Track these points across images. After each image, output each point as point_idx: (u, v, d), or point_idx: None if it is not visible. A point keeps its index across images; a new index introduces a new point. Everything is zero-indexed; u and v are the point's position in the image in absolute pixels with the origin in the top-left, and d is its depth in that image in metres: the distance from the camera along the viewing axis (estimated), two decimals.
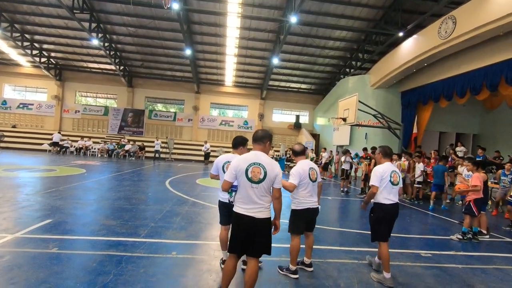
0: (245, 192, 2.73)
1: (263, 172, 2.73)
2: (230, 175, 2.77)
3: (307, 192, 3.62)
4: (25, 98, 24.30)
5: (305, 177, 3.58)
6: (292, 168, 3.78)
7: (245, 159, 2.80)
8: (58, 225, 4.86)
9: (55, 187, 8.15)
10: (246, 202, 2.73)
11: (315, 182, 3.72)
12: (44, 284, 2.96)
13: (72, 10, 15.25)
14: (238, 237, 2.74)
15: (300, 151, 3.87)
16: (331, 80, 23.45)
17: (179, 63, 21.90)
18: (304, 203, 3.62)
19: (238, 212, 2.75)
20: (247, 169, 2.72)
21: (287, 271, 3.62)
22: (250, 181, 2.71)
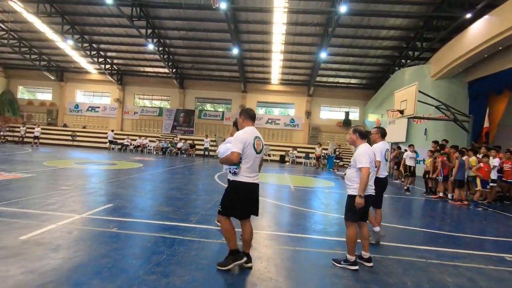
0: (252, 162, 3.02)
1: (262, 144, 3.15)
2: (240, 147, 2.94)
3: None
4: (93, 102, 27.11)
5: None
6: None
7: (250, 133, 3.05)
8: (118, 209, 5.17)
9: (116, 177, 8.83)
10: (252, 171, 3.04)
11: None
12: (104, 258, 3.11)
13: (131, 18, 16.55)
14: (246, 203, 3.04)
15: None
16: (384, 73, 21.90)
17: (226, 63, 22.43)
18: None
19: (246, 181, 2.99)
20: (254, 142, 3.02)
21: (345, 263, 3.32)
22: (256, 152, 3.04)
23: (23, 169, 8.87)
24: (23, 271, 2.69)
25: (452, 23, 14.43)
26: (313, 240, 4.28)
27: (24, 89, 27.64)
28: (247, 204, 3.07)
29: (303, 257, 3.63)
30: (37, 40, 21.82)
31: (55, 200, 5.40)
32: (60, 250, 3.22)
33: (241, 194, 3.02)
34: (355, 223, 3.38)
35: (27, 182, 7.05)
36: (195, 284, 2.70)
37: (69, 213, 4.62)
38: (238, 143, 2.95)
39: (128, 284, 2.59)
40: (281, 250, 3.82)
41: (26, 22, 19.43)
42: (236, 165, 2.99)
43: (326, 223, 5.43)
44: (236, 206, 3.03)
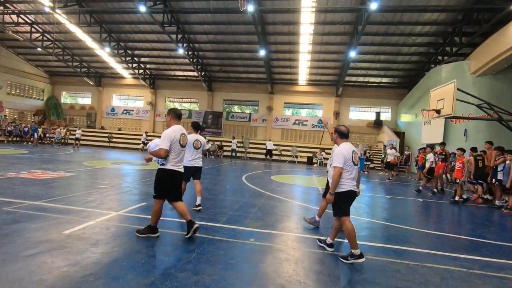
0: (178, 154, 3.76)
1: (187, 139, 3.93)
2: (167, 145, 3.60)
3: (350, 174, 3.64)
4: (127, 105, 28.57)
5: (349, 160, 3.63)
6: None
7: (177, 131, 3.75)
8: (151, 208, 5.34)
9: (149, 177, 9.20)
10: (178, 162, 3.78)
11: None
12: (138, 253, 3.25)
13: (162, 25, 17.25)
14: (172, 186, 3.77)
15: None
16: (418, 71, 20.85)
17: (253, 65, 22.60)
18: (345, 186, 3.62)
19: (173, 169, 3.72)
20: (180, 138, 3.74)
21: (352, 258, 3.42)
22: (181, 146, 3.77)
23: (66, 169, 9.56)
24: (67, 263, 2.89)
25: (495, 16, 13.39)
26: (342, 244, 4.16)
27: (67, 94, 29.81)
28: (175, 188, 3.79)
29: (332, 260, 3.54)
30: (78, 48, 23.47)
31: (94, 198, 5.75)
32: (99, 245, 3.42)
33: (169, 180, 3.74)
34: (348, 217, 3.59)
35: (69, 180, 7.58)
36: (223, 283, 2.74)
37: (107, 210, 4.90)
38: (166, 140, 3.60)
39: (160, 280, 2.69)
40: (309, 253, 3.77)
41: (69, 32, 20.98)
42: (164, 158, 3.66)
43: (356, 227, 5.24)
44: (165, 190, 3.75)
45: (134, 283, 2.61)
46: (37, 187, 6.31)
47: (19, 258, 2.93)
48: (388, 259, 3.63)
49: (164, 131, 3.75)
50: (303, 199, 7.75)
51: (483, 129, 13.95)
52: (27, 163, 10.24)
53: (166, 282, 2.65)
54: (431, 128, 15.91)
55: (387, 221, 5.68)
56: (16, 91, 25.93)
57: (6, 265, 2.76)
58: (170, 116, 3.87)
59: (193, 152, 5.41)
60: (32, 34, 21.21)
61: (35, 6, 18.12)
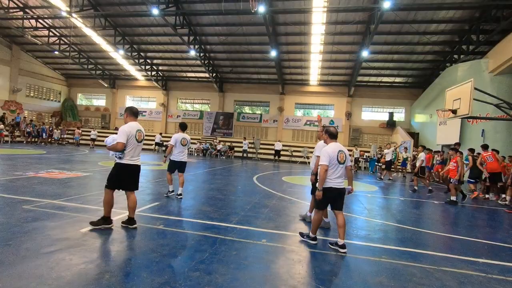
0: (134, 149, 4.03)
1: (143, 135, 4.20)
2: (124, 139, 3.89)
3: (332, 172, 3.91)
4: (140, 107, 29.02)
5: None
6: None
7: (133, 127, 4.04)
8: (164, 207, 5.47)
9: (162, 177, 9.34)
10: (133, 156, 4.05)
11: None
12: (152, 253, 3.30)
13: (174, 27, 17.47)
14: (128, 179, 4.06)
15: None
16: (433, 70, 20.37)
17: (264, 66, 22.60)
18: (327, 183, 3.88)
19: (129, 163, 4.01)
20: (136, 134, 4.04)
21: (307, 238, 4.06)
22: (137, 141, 4.07)
23: (82, 169, 9.80)
24: (84, 260, 2.96)
25: None
26: (356, 246, 4.11)
27: (82, 96, 30.57)
28: (130, 180, 4.09)
29: (345, 263, 3.50)
30: (93, 51, 24.05)
31: None
32: (114, 243, 3.49)
33: (125, 173, 4.02)
34: (321, 211, 4.02)
35: (85, 180, 7.78)
36: (236, 283, 2.75)
37: (121, 210, 4.99)
38: (123, 135, 3.90)
39: (174, 279, 2.72)
40: (322, 254, 3.74)
41: (84, 36, 21.53)
42: (121, 152, 3.94)
43: (370, 229, 5.19)
44: (119, 181, 4.02)
45: (148, 281, 2.65)
46: (55, 186, 6.50)
47: (39, 255, 3.03)
48: (403, 262, 3.56)
49: (121, 127, 4.04)
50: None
51: (502, 129, 13.52)
52: (45, 163, 10.56)
53: (179, 281, 2.68)
54: (447, 129, 15.51)
55: (400, 223, 5.57)
56: (34, 93, 26.78)
57: (26, 262, 2.85)
58: (126, 114, 4.18)
59: (181, 149, 6.56)
60: (49, 38, 21.87)
61: (52, 11, 18.68)
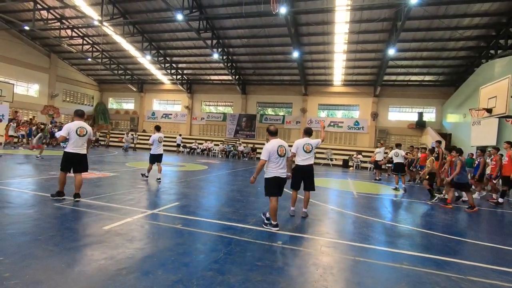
0: (75, 141, 5.29)
1: (85, 131, 5.40)
2: (65, 133, 5.26)
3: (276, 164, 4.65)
4: (166, 110, 30.03)
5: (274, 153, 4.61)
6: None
7: (75, 124, 5.35)
8: (184, 207, 5.59)
9: (184, 178, 9.58)
10: (75, 146, 5.30)
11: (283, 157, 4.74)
12: (169, 251, 3.39)
13: (198, 31, 17.89)
14: (72, 163, 5.33)
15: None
16: (466, 67, 19.18)
17: (287, 67, 22.49)
18: (272, 173, 4.63)
19: (70, 151, 5.28)
20: (77, 129, 5.29)
21: (269, 223, 4.52)
22: (78, 136, 5.31)
23: (110, 169, 10.28)
24: (104, 256, 3.10)
25: None
26: (376, 251, 3.95)
27: (113, 100, 32.15)
28: (74, 164, 5.34)
29: (364, 268, 3.38)
30: (123, 57, 25.24)
31: (133, 197, 6.11)
32: (134, 241, 3.62)
33: (69, 159, 5.30)
34: (274, 197, 4.56)
35: (112, 180, 8.15)
36: (248, 284, 2.74)
37: (143, 209, 5.18)
38: (65, 130, 5.25)
39: (188, 278, 2.77)
40: (340, 259, 3.63)
41: (114, 43, 22.67)
42: (64, 142, 5.51)
43: (392, 233, 4.97)
44: (66, 165, 5.31)
45: (162, 279, 2.72)
46: (84, 186, 6.84)
47: (64, 250, 3.21)
48: (426, 270, 3.36)
49: (65, 124, 5.55)
50: (337, 203, 7.51)
51: None
52: None
53: (192, 280, 2.72)
54: (482, 129, 14.51)
55: (421, 228, 5.27)
56: (70, 98, 28.58)
57: (52, 256, 3.04)
58: (74, 115, 5.56)
59: (157, 145, 8.58)
60: (83, 46, 23.27)
61: (86, 20, 19.85)
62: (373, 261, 3.59)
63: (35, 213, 4.46)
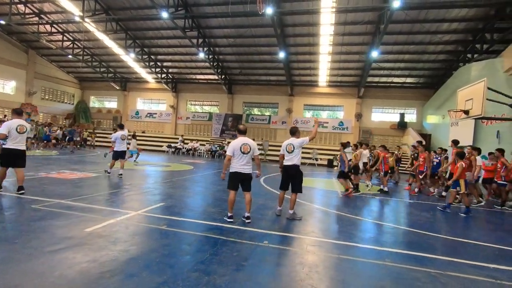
0: (14, 137, 5.45)
1: (25, 128, 5.63)
2: (5, 130, 5.36)
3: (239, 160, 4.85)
4: (151, 109, 29.51)
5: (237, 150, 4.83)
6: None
7: (14, 122, 5.52)
8: (169, 208, 5.51)
9: (169, 179, 9.44)
10: (14, 143, 5.46)
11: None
12: (154, 252, 3.33)
13: (184, 30, 17.68)
14: (11, 159, 5.49)
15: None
16: (445, 70, 19.91)
17: (273, 67, 22.60)
18: (234, 168, 4.87)
19: (10, 147, 5.42)
20: (16, 127, 5.48)
21: (226, 217, 4.85)
22: (18, 133, 5.49)
23: (92, 169, 10.00)
24: (87, 259, 3.01)
25: None
26: (359, 249, 4.04)
27: (95, 98, 31.28)
28: (14, 160, 5.51)
29: (348, 266, 3.45)
30: (105, 54, 24.60)
31: (116, 198, 5.98)
32: (117, 243, 3.54)
33: (9, 155, 5.45)
34: (233, 191, 4.90)
35: (95, 180, 7.93)
36: (234, 284, 2.74)
37: (127, 210, 5.07)
38: (4, 128, 5.38)
39: (173, 279, 2.74)
40: (325, 257, 3.69)
41: (96, 40, 22.04)
42: (4, 140, 5.47)
43: (376, 231, 5.10)
44: (6, 160, 5.50)
45: (147, 281, 2.67)
46: (64, 187, 6.65)
47: (43, 253, 3.10)
48: (408, 266, 3.47)
49: (4, 122, 5.84)
50: (322, 202, 7.62)
51: None
52: (57, 164, 10.83)
53: (177, 281, 2.70)
54: (459, 130, 15.12)
55: (402, 226, 5.44)
56: (49, 96, 27.56)
57: (31, 260, 2.92)
58: (12, 113, 5.83)
59: (121, 142, 8.94)
60: (63, 43, 22.49)
61: (66, 16, 19.21)
62: (356, 258, 3.67)
63: (11, 216, 4.28)
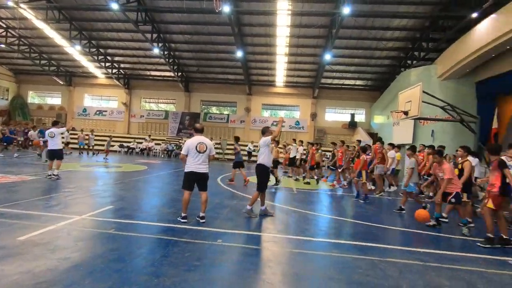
0: None
1: None
2: None
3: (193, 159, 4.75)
4: (101, 106, 27.54)
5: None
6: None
7: None
8: (119, 211, 5.22)
9: (120, 180, 8.93)
10: None
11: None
12: (99, 258, 3.14)
13: (136, 23, 16.79)
14: None
15: None
16: (390, 74, 21.68)
17: (231, 66, 22.54)
18: (189, 167, 4.77)
19: None
20: None
21: (180, 218, 4.74)
22: None
23: (30, 172, 9.05)
24: (19, 271, 2.73)
25: (458, 23, 14.21)
26: (310, 242, 4.24)
27: (34, 94, 28.26)
28: None
29: (299, 259, 3.60)
30: (47, 45, 22.32)
31: (58, 202, 5.49)
32: (57, 251, 3.26)
33: None
34: (187, 191, 4.82)
35: (32, 184, 7.19)
36: (184, 285, 2.70)
37: (70, 215, 4.68)
38: None
39: (119, 285, 2.61)
40: (278, 252, 3.81)
41: (35, 29, 19.90)
42: None
43: (324, 225, 5.38)
44: None
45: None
46: None
47: None
48: (352, 256, 3.74)
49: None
50: (278, 199, 7.82)
51: (449, 130, 14.72)
52: None
53: (124, 286, 2.58)
54: (401, 129, 16.60)
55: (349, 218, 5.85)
56: None
57: None
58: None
59: (53, 140, 8.33)
60: None
61: None
62: (307, 251, 3.85)
63: None
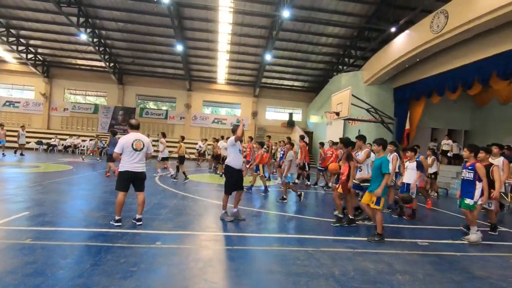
0: None
1: None
2: None
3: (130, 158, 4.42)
4: (12, 96, 23.59)
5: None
6: None
7: None
8: (36, 217, 4.56)
9: (38, 182, 7.81)
10: None
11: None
12: (11, 274, 2.70)
13: (58, 4, 14.81)
14: None
15: None
16: (324, 77, 23.38)
17: (170, 59, 21.55)
18: (124, 167, 4.41)
19: None
20: None
21: (114, 221, 4.42)
22: None
23: None
24: None
25: (380, 35, 16.07)
26: (251, 238, 4.33)
27: None
28: None
29: (240, 256, 3.64)
30: None
31: None
32: None
33: None
34: (122, 192, 4.47)
35: None
36: None
37: None
38: None
39: None
40: (219, 250, 3.80)
41: None
42: None
43: (264, 220, 5.56)
44: None
45: None
46: None
47: None
48: (290, 248, 3.94)
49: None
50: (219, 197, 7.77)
51: (372, 130, 16.53)
52: None
53: None
54: (333, 128, 18.07)
55: (286, 212, 6.17)
56: None
57: None
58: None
59: None
60: None
61: None
62: (248, 247, 3.93)
63: None
